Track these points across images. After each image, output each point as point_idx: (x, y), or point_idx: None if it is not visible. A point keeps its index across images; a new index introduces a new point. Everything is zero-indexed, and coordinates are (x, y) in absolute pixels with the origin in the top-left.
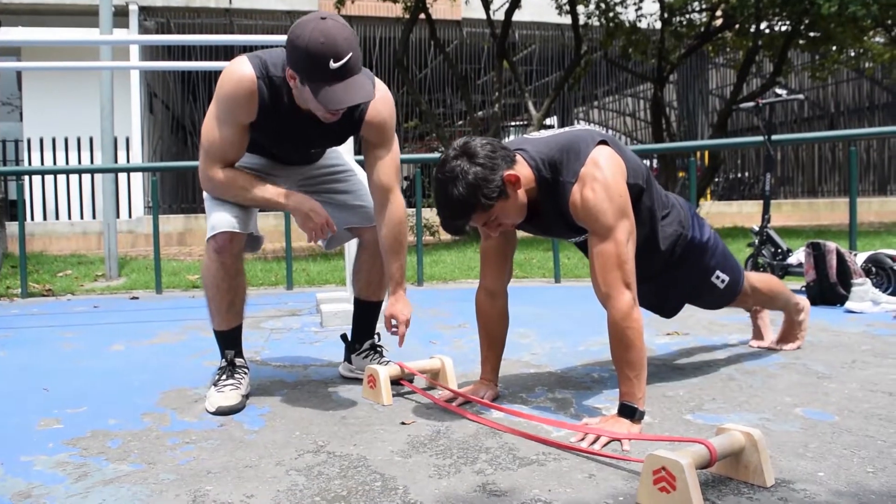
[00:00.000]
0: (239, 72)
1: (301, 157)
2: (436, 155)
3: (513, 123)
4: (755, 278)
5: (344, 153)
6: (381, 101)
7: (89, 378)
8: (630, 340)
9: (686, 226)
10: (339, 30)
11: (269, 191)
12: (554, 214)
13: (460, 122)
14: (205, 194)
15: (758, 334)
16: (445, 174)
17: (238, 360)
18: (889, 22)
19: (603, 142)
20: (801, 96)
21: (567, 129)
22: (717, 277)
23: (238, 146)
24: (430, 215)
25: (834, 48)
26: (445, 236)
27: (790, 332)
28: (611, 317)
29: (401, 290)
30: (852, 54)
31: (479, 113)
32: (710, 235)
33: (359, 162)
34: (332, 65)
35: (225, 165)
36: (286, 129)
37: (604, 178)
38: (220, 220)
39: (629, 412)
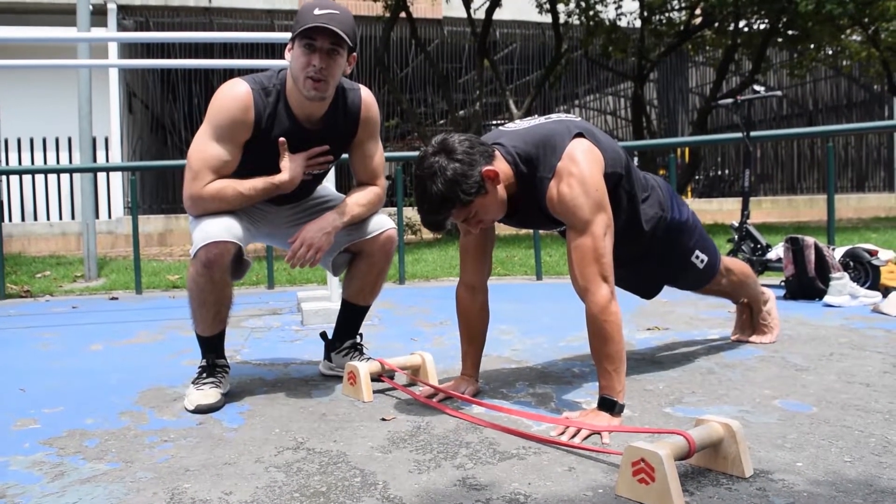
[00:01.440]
0: (233, 89)
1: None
2: (417, 153)
3: (494, 122)
4: (728, 260)
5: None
6: (369, 97)
7: (67, 378)
8: (608, 334)
9: (666, 207)
10: (335, 2)
11: (260, 182)
12: (533, 208)
13: (441, 121)
14: (190, 217)
15: (739, 328)
16: (424, 170)
17: (219, 360)
18: (865, 20)
19: (580, 134)
20: (778, 92)
21: (544, 119)
22: (697, 257)
23: (232, 165)
24: (412, 214)
25: (812, 46)
26: (427, 235)
27: (760, 324)
28: (589, 310)
29: (336, 218)
30: (830, 52)
31: (461, 112)
32: (689, 216)
33: None
34: (317, 11)
35: (213, 179)
36: (286, 140)
37: (580, 172)
38: (209, 230)
39: (609, 405)
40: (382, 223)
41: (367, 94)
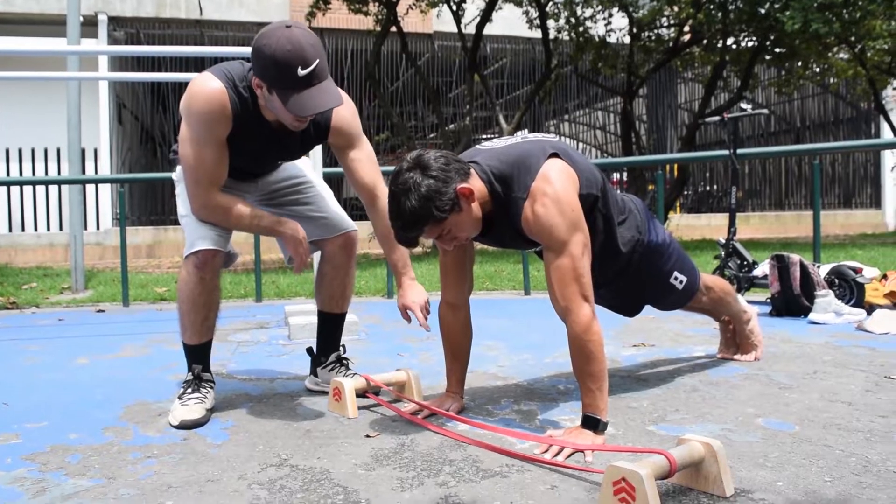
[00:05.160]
0: (208, 87)
1: (264, 169)
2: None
3: (484, 136)
4: (707, 277)
5: (307, 168)
6: (343, 106)
7: (51, 392)
8: (591, 353)
9: (643, 230)
10: (305, 37)
11: (265, 219)
12: (508, 228)
13: (432, 135)
14: (180, 209)
15: (724, 345)
16: (398, 186)
17: (205, 375)
18: (852, 39)
19: (555, 154)
20: (765, 111)
21: (520, 139)
22: (676, 279)
23: (224, 163)
24: None
25: (799, 64)
26: (416, 249)
27: (744, 341)
28: (571, 331)
29: (408, 278)
30: (817, 70)
31: (451, 126)
32: (665, 238)
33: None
34: (300, 72)
35: (216, 187)
36: (255, 141)
37: (554, 192)
38: (202, 236)
39: (592, 423)
40: (343, 224)
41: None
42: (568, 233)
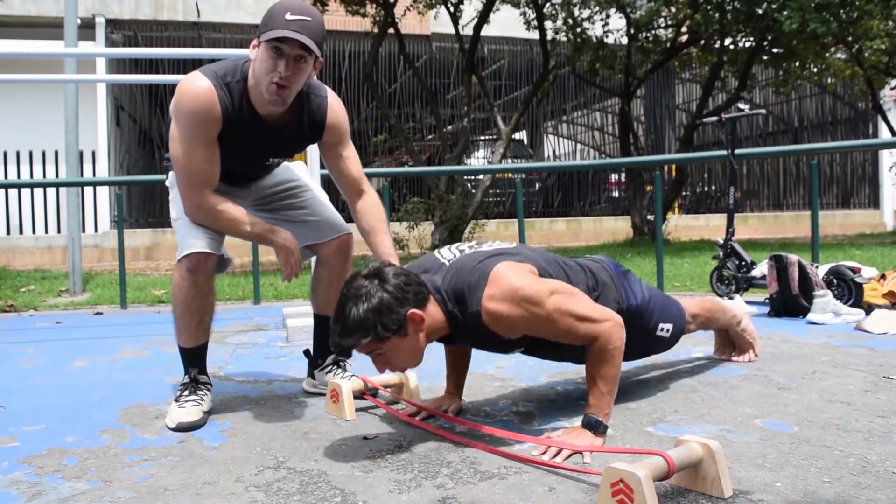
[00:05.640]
0: (195, 86)
1: (257, 171)
2: (405, 169)
3: (482, 138)
4: (690, 306)
5: (302, 172)
6: (336, 104)
7: (48, 395)
8: (610, 357)
9: (620, 298)
10: (312, 9)
11: (258, 226)
12: (480, 339)
13: (430, 137)
14: (173, 213)
15: (720, 346)
16: (351, 290)
17: (201, 377)
18: (849, 39)
19: (502, 259)
20: (763, 111)
21: (476, 246)
22: (662, 329)
23: (214, 162)
24: (399, 229)
25: (796, 64)
26: (414, 250)
27: (740, 341)
28: (598, 345)
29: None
30: (814, 70)
31: (449, 127)
32: (644, 294)
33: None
34: (288, 16)
35: (208, 188)
36: (248, 136)
37: (505, 287)
38: (194, 239)
39: (593, 424)
40: (336, 227)
41: (333, 100)
42: (543, 306)
